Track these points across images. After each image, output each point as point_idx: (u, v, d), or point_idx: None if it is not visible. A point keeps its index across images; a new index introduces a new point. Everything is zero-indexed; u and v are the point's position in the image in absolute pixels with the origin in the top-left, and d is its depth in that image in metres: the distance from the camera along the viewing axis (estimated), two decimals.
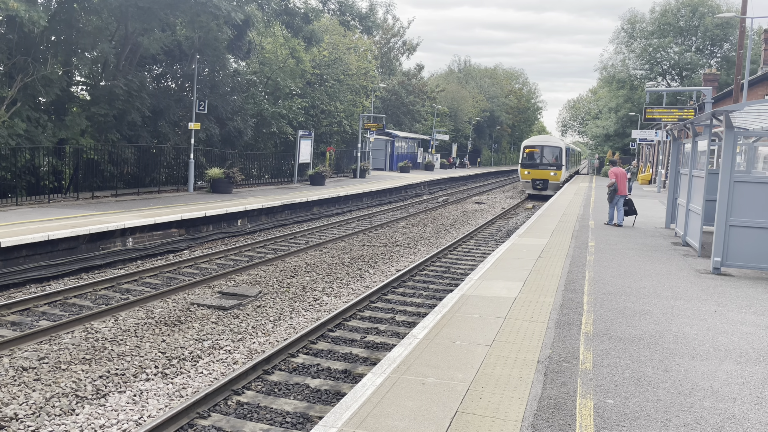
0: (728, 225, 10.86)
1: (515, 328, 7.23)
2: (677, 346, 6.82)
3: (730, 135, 11.00)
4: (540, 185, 37.36)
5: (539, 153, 38.00)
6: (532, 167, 37.74)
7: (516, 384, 5.49)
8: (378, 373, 5.68)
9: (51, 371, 7.73)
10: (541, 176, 37.43)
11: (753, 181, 11.15)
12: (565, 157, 38.59)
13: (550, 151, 38.21)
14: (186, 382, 7.66)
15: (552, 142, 39.60)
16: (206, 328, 9.76)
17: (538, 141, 39.99)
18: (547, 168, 37.42)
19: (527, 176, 38.00)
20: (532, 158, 38.15)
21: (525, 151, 38.90)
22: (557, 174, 37.39)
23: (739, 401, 5.33)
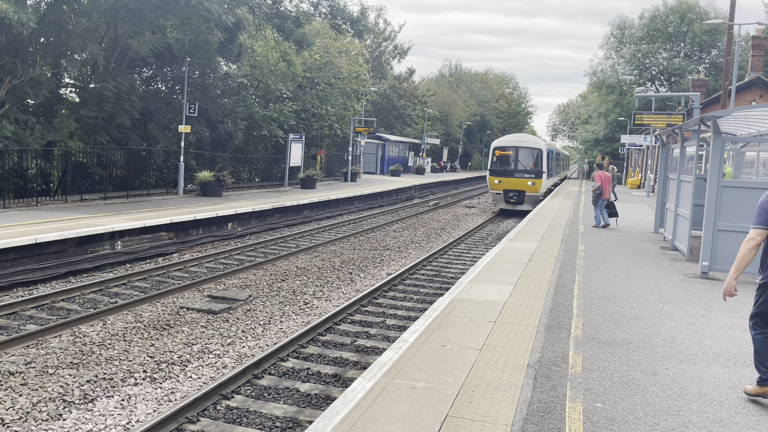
0: (716, 230, 10.94)
1: (505, 332, 7.25)
2: (666, 350, 6.86)
3: (718, 140, 11.10)
4: (514, 198, 29.72)
5: (513, 156, 30.17)
6: (504, 174, 29.91)
7: (506, 388, 5.50)
8: (368, 378, 5.67)
9: (38, 376, 7.66)
10: (515, 186, 29.65)
11: (740, 186, 11.24)
12: (546, 162, 30.43)
13: (527, 153, 30.29)
14: (175, 387, 7.62)
15: (529, 143, 31.29)
16: (195, 332, 9.71)
17: (511, 141, 31.53)
18: (524, 176, 29.63)
19: (497, 186, 30.04)
20: (504, 163, 30.27)
21: (495, 153, 30.61)
22: (536, 184, 29.56)
23: (726, 405, 5.36)
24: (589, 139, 79.11)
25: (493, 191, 30.38)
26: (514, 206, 29.63)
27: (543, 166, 29.74)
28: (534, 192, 29.15)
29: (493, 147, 30.99)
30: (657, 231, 18.21)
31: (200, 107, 25.47)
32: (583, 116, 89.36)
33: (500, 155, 30.29)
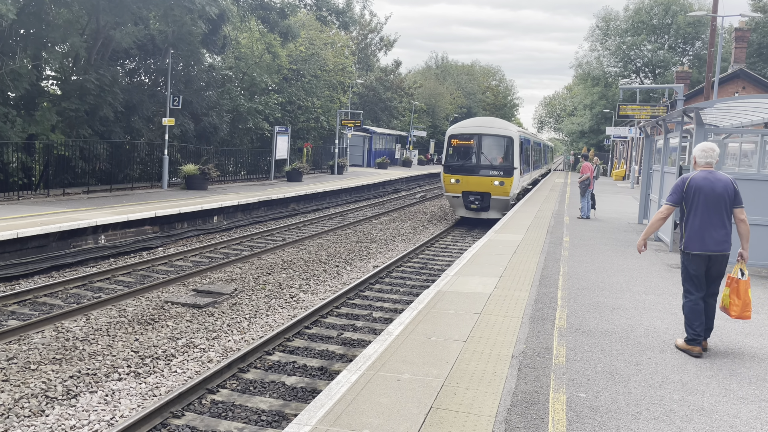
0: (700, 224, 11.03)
1: (490, 324, 7.28)
2: (648, 339, 6.92)
3: (701, 132, 11.19)
4: (477, 203, 22.30)
5: (475, 147, 22.76)
6: (463, 171, 22.40)
7: (490, 379, 5.53)
8: (353, 370, 5.67)
9: (20, 371, 7.59)
10: (477, 187, 22.17)
11: None
12: (519, 154, 22.96)
13: (493, 143, 22.84)
14: (159, 381, 7.58)
15: (496, 128, 23.33)
16: (180, 327, 9.67)
17: (472, 126, 23.69)
18: (489, 173, 22.32)
19: (454, 187, 22.59)
20: (463, 156, 22.87)
21: (451, 142, 23.17)
22: (505, 183, 22.05)
23: (708, 394, 5.42)
24: (574, 131, 79.46)
25: (449, 194, 22.73)
26: (477, 213, 22.36)
27: (514, 159, 22.30)
28: (502, 195, 21.95)
29: (449, 134, 23.25)
30: (641, 222, 18.35)
31: (184, 100, 25.28)
32: (569, 108, 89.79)
33: (458, 145, 22.82)
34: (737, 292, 6.55)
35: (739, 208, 6.52)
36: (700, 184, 6.47)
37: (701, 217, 6.47)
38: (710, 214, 6.44)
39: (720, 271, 6.61)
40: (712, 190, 6.42)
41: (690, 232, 6.55)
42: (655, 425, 4.72)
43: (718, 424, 4.79)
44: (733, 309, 6.58)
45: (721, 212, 6.46)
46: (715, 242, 6.45)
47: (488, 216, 22.22)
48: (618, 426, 4.67)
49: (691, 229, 6.54)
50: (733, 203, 6.50)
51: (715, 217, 6.44)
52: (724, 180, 6.53)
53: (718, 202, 6.43)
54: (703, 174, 6.56)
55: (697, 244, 6.49)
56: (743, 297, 6.52)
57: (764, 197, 10.68)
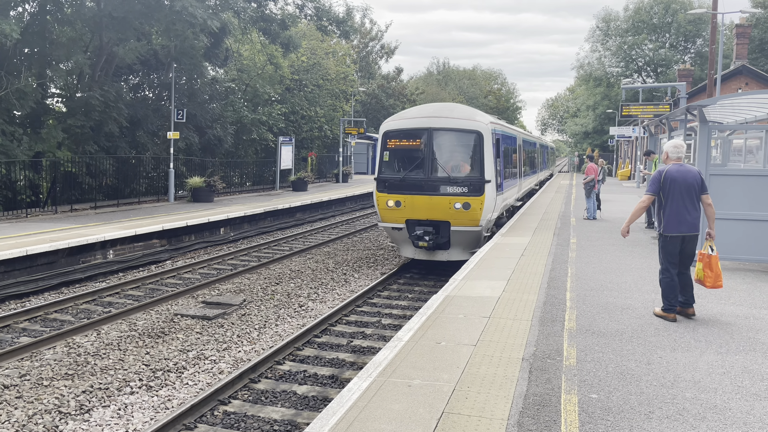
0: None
1: (500, 327, 7.27)
2: (658, 338, 6.89)
3: (705, 129, 11.17)
4: (428, 237, 13.96)
5: (424, 149, 14.34)
6: (405, 189, 14.38)
7: (501, 382, 5.52)
8: (364, 377, 5.67)
9: (33, 388, 7.63)
10: (429, 213, 14.22)
11: (729, 174, 11.32)
12: (493, 158, 14.51)
13: (451, 142, 14.70)
14: (171, 394, 7.61)
15: (455, 120, 14.61)
16: (191, 339, 9.70)
17: (419, 117, 14.85)
18: (446, 190, 14.07)
19: (394, 214, 14.53)
20: (405, 164, 14.72)
21: (388, 144, 14.93)
22: (473, 206, 13.93)
23: (720, 391, 5.40)
24: (578, 132, 79.36)
25: (387, 224, 14.53)
26: (430, 254, 14.33)
27: (485, 166, 13.93)
28: (468, 224, 13.83)
29: (384, 131, 14.81)
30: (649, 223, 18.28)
31: (188, 113, 25.40)
32: (572, 110, 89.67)
33: (397, 148, 14.55)
34: (709, 265, 7.57)
35: (706, 195, 7.53)
36: (674, 176, 7.42)
37: (676, 204, 7.41)
38: (684, 201, 7.40)
39: (692, 249, 7.61)
40: (684, 180, 7.37)
41: (667, 218, 7.47)
42: (668, 424, 4.70)
43: (732, 422, 4.77)
44: (708, 281, 7.62)
45: (693, 199, 7.43)
46: (688, 225, 7.44)
47: (449, 257, 14.01)
48: (631, 426, 4.65)
49: (668, 215, 7.46)
50: (701, 191, 7.48)
51: (688, 203, 7.41)
52: (693, 171, 7.55)
53: (689, 190, 7.40)
54: (675, 167, 7.51)
55: (674, 227, 7.44)
56: (715, 269, 7.56)
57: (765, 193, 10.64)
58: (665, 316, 7.63)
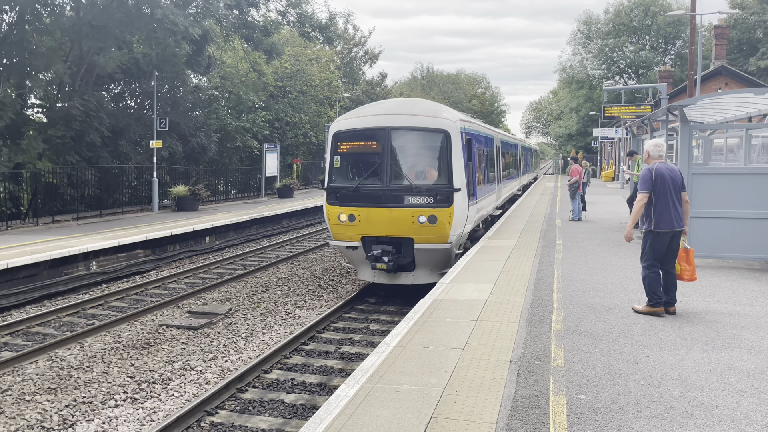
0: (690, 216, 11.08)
1: (487, 330, 7.26)
2: (645, 338, 6.92)
3: (686, 129, 11.28)
4: (389, 258, 11.53)
5: (382, 153, 11.74)
6: (360, 200, 11.83)
7: (489, 385, 5.50)
8: (351, 384, 5.63)
9: (15, 403, 7.50)
10: (388, 228, 11.70)
11: (711, 173, 11.43)
12: (464, 163, 12.10)
13: (413, 144, 12.11)
14: (157, 406, 7.51)
15: (417, 118, 11.99)
16: (176, 350, 9.60)
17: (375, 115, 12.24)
18: (408, 201, 11.57)
19: (347, 230, 11.99)
20: (360, 170, 12.20)
21: (340, 147, 12.26)
22: (440, 219, 11.54)
23: (707, 388, 5.42)
24: (562, 134, 79.92)
25: (340, 242, 12.36)
26: (391, 277, 12.12)
27: (454, 173, 11.85)
28: (437, 241, 11.77)
29: (334, 132, 12.47)
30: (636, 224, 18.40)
31: (171, 121, 25.25)
32: (556, 112, 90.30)
33: (351, 152, 12.31)
34: (687, 260, 7.80)
35: (684, 192, 7.80)
36: (663, 173, 7.59)
37: (666, 201, 7.57)
38: (672, 198, 7.59)
39: (677, 244, 7.80)
40: (671, 178, 7.56)
41: (659, 214, 7.60)
42: (656, 423, 4.71)
43: (719, 419, 4.79)
44: (685, 274, 7.84)
45: (678, 195, 7.66)
46: (677, 221, 7.63)
47: (414, 281, 11.92)
48: (619, 426, 4.66)
49: (659, 212, 7.60)
50: (681, 188, 7.71)
51: (676, 199, 7.62)
52: (676, 168, 7.80)
53: (675, 188, 7.62)
54: (662, 164, 7.70)
55: (666, 223, 7.59)
56: (692, 263, 7.82)
57: (752, 191, 10.74)
58: (654, 311, 7.78)
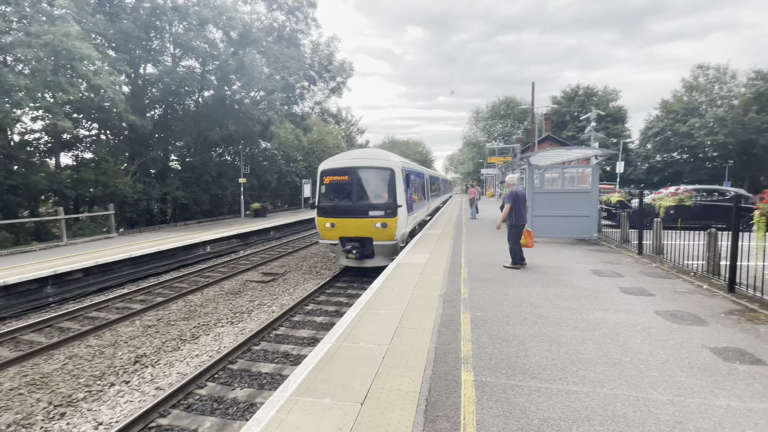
0: (534, 215, 11.26)
1: (426, 279, 7.25)
2: (511, 281, 6.96)
3: (531, 169, 11.46)
4: (357, 249, 10.15)
5: (351, 183, 10.30)
6: (338, 213, 10.23)
7: (429, 309, 5.51)
8: (354, 309, 5.58)
9: (165, 326, 7.25)
10: (357, 231, 10.20)
11: (544, 192, 11.60)
12: (404, 189, 10.58)
13: (373, 178, 10.43)
14: (245, 326, 7.34)
15: (374, 160, 10.52)
16: (255, 294, 9.41)
17: (347, 159, 10.65)
18: (368, 214, 10.12)
19: (330, 233, 10.33)
20: (338, 194, 10.37)
21: (324, 180, 10.54)
22: (389, 225, 10.10)
23: (544, 308, 5.50)
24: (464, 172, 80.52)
25: (326, 241, 10.71)
26: (359, 262, 10.71)
27: (398, 195, 10.57)
28: (387, 239, 10.46)
29: (321, 170, 10.79)
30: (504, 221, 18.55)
31: (251, 168, 24.84)
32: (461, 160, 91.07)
33: (331, 183, 10.81)
34: (529, 235, 7.97)
35: (527, 203, 8.00)
36: (518, 193, 7.86)
37: (519, 208, 7.84)
38: (522, 206, 7.88)
39: (522, 231, 7.98)
40: (522, 195, 7.84)
41: (517, 216, 7.88)
42: (517, 327, 4.78)
43: (550, 323, 4.88)
44: (530, 243, 7.93)
45: (523, 205, 7.92)
46: (524, 219, 7.92)
47: (374, 264, 10.66)
48: (498, 329, 4.71)
49: (517, 214, 7.88)
50: (525, 201, 7.94)
51: (523, 207, 7.89)
52: (523, 190, 8.04)
53: (523, 201, 7.90)
54: (516, 189, 7.92)
55: (520, 219, 7.88)
56: (531, 238, 7.95)
57: (563, 202, 10.95)
58: (517, 267, 7.82)
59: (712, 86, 42.92)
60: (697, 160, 42.83)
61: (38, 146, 16.68)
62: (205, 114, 20.37)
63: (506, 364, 3.93)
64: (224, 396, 4.95)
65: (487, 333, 4.60)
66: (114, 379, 5.37)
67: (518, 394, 3.43)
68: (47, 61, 13.21)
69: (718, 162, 41.81)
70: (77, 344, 6.47)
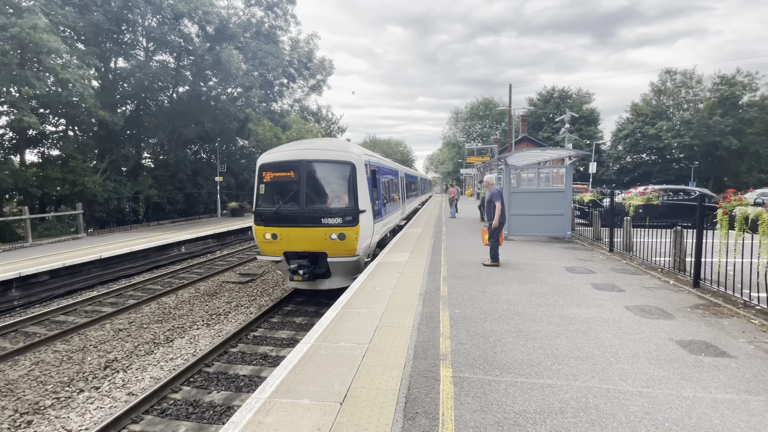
0: (510, 214, 11.47)
1: (407, 278, 7.22)
2: (489, 278, 7.02)
3: (508, 169, 11.66)
4: (305, 271, 7.28)
5: (298, 182, 7.33)
6: (281, 221, 7.32)
7: (408, 307, 5.50)
8: (334, 309, 5.53)
9: (137, 329, 7.00)
10: (305, 245, 7.31)
11: (520, 192, 11.84)
12: (368, 189, 7.72)
13: (325, 174, 7.44)
14: (222, 328, 7.17)
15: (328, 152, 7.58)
16: (232, 295, 9.20)
17: (293, 150, 7.62)
18: (321, 220, 7.20)
19: (272, 247, 7.45)
20: (280, 195, 7.47)
21: (264, 177, 7.61)
22: (348, 236, 7.29)
23: (520, 304, 5.58)
24: (444, 171, 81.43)
25: (267, 257, 7.69)
26: (311, 284, 7.69)
27: (360, 197, 7.52)
28: (345, 254, 7.48)
29: (260, 165, 7.81)
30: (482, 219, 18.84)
31: (227, 166, 24.28)
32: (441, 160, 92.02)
33: (274, 181, 7.61)
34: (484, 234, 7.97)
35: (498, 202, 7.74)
36: (502, 193, 7.89)
37: (504, 208, 7.74)
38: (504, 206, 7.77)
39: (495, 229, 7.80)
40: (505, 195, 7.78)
41: (488, 215, 7.80)
42: (494, 323, 4.85)
43: (526, 318, 4.97)
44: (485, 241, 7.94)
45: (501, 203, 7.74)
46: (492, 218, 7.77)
47: (330, 285, 7.93)
48: (476, 325, 4.77)
49: (488, 213, 7.78)
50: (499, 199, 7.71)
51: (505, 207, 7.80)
52: (499, 189, 7.90)
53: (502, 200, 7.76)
54: (498, 189, 7.86)
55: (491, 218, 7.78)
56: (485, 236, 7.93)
57: (538, 201, 11.20)
58: (495, 264, 7.81)
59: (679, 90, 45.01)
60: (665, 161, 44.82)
61: (2, 143, 15.79)
62: (180, 110, 19.75)
63: (484, 359, 3.99)
64: (200, 400, 4.82)
65: (465, 329, 4.65)
66: (83, 385, 5.13)
67: (495, 389, 3.48)
68: (13, 54, 12.51)
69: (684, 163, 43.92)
70: (44, 349, 6.15)
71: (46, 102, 15.22)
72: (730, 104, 40.33)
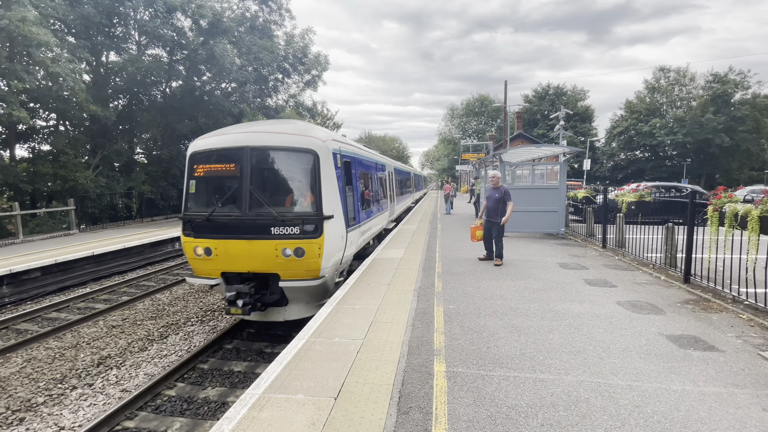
0: None
1: (402, 273, 7.25)
2: (483, 275, 7.08)
3: (503, 166, 11.72)
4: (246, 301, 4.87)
5: (243, 174, 4.89)
6: (218, 231, 4.96)
7: (403, 303, 5.52)
8: (329, 305, 5.51)
9: (131, 326, 6.95)
10: (249, 261, 4.94)
11: (516, 188, 11.90)
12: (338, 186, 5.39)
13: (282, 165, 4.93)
14: (216, 324, 7.15)
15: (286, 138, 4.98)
16: None
17: (236, 134, 5.05)
18: (270, 230, 4.83)
19: (206, 265, 5.10)
20: (219, 193, 5.07)
21: (196, 171, 5.04)
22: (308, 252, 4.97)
23: (514, 300, 5.64)
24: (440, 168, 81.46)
25: (199, 279, 5.37)
26: (262, 315, 5.64)
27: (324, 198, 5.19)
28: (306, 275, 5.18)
29: (191, 153, 5.37)
30: (477, 216, 18.91)
31: None
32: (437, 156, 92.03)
33: (208, 175, 5.14)
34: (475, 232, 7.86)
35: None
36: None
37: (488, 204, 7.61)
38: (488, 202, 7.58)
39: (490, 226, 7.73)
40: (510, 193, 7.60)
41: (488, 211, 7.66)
42: (488, 318, 4.89)
43: (520, 314, 5.02)
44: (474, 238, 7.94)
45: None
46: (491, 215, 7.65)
47: (287, 317, 5.75)
48: (470, 320, 4.81)
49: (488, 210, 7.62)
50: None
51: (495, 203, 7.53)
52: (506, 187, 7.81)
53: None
54: (506, 187, 7.79)
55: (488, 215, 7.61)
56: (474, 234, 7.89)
57: (532, 197, 11.27)
58: (486, 258, 7.86)
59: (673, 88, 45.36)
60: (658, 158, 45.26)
61: None
62: (173, 105, 19.55)
63: (477, 354, 4.03)
64: (195, 396, 4.81)
65: (459, 325, 4.69)
66: (76, 382, 5.11)
67: (488, 384, 3.52)
68: (2, 47, 12.30)
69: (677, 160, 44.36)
70: (36, 346, 6.10)
71: (36, 96, 15.00)
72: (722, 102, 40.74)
